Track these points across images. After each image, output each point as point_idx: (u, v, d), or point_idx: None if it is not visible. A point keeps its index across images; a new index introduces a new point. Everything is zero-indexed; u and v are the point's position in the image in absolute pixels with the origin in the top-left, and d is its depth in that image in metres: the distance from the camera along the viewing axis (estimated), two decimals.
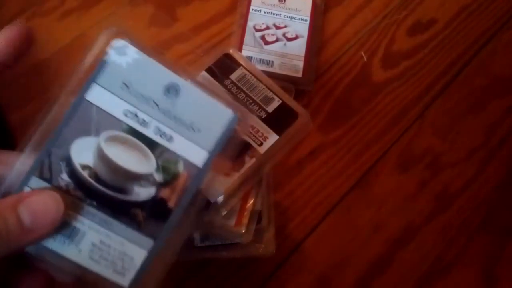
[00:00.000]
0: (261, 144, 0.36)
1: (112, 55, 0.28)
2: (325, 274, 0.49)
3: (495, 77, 0.60)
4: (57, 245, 0.27)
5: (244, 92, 0.38)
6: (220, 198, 0.34)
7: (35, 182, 0.27)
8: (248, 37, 0.56)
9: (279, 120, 0.37)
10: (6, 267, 0.27)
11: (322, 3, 0.61)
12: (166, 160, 0.28)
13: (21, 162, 0.27)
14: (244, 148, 0.36)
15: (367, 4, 0.62)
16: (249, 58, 0.55)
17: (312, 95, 0.56)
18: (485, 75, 0.60)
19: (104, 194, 0.27)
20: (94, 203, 0.27)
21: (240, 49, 0.56)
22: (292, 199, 0.52)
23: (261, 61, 0.55)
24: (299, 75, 0.55)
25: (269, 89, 0.39)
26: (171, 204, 0.28)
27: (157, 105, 0.28)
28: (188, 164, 0.29)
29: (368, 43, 0.60)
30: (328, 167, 0.53)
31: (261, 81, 0.39)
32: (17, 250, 0.25)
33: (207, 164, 0.29)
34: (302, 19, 0.58)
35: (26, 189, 0.27)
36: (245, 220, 0.36)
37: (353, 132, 0.55)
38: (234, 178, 0.35)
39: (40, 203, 0.26)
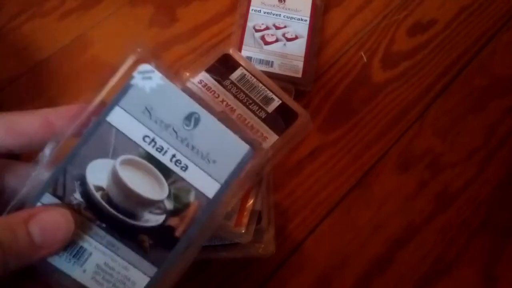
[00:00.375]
0: (260, 145, 0.36)
1: (137, 79, 0.28)
2: (325, 274, 0.49)
3: (495, 78, 0.60)
4: (62, 263, 0.27)
5: (244, 92, 0.38)
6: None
7: (48, 199, 0.27)
8: (247, 37, 0.56)
9: (279, 120, 0.37)
10: (12, 278, 0.26)
11: (322, 4, 0.61)
12: (179, 189, 0.29)
13: (35, 177, 0.27)
14: None
15: (367, 4, 0.62)
16: (249, 59, 0.55)
17: (312, 95, 0.56)
18: (485, 76, 0.60)
19: (114, 217, 0.28)
20: (104, 225, 0.28)
21: (240, 49, 0.56)
22: (292, 200, 0.51)
23: (261, 61, 0.55)
24: (299, 75, 0.55)
25: (269, 89, 0.39)
26: (178, 233, 0.28)
27: (176, 133, 0.28)
28: (200, 194, 0.29)
29: (368, 44, 0.60)
30: (328, 167, 0.53)
31: (261, 81, 0.39)
32: (25, 265, 0.25)
33: (218, 196, 0.29)
34: (302, 20, 0.58)
35: (39, 205, 0.27)
36: (245, 220, 0.36)
37: (353, 133, 0.55)
38: None
39: (51, 220, 0.26)
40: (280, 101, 0.38)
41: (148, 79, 0.28)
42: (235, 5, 0.60)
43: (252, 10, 0.58)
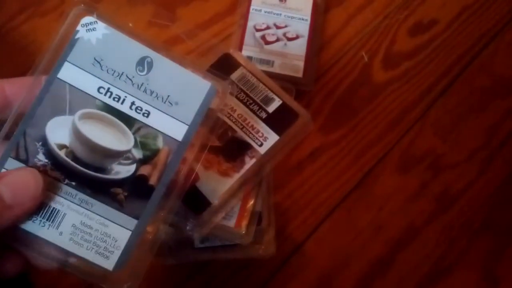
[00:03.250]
0: (261, 145, 0.36)
1: (82, 32, 0.28)
2: (326, 275, 0.49)
3: (496, 78, 0.60)
4: (36, 227, 0.26)
5: (244, 92, 0.38)
6: (215, 201, 0.34)
7: (12, 164, 0.26)
8: (248, 37, 0.56)
9: (279, 120, 0.37)
10: None
11: (322, 3, 0.60)
12: (145, 136, 0.28)
13: None
14: (244, 149, 0.36)
15: (368, 4, 0.62)
16: (250, 58, 0.55)
17: (313, 95, 0.56)
18: (487, 76, 0.60)
19: (82, 173, 0.27)
20: (73, 183, 0.27)
21: (240, 49, 0.55)
22: (293, 200, 0.51)
23: (261, 61, 0.55)
24: (300, 75, 0.55)
25: (269, 89, 0.38)
26: (152, 181, 0.28)
27: (130, 80, 0.28)
28: (168, 138, 0.28)
29: (369, 44, 0.60)
30: (329, 168, 0.53)
31: (261, 81, 0.39)
32: None
33: (187, 137, 0.28)
34: (302, 19, 0.58)
35: (3, 171, 0.26)
36: (245, 221, 0.36)
37: (353, 133, 0.55)
38: (234, 179, 0.35)
39: (19, 179, 0.25)
40: (281, 101, 0.38)
41: (93, 31, 0.28)
42: (236, 4, 0.60)
43: (252, 9, 0.58)
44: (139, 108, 0.28)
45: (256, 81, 0.39)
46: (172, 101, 0.28)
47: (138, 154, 0.28)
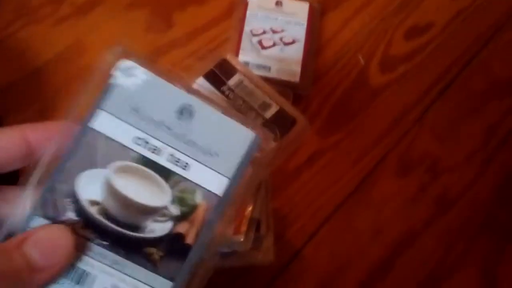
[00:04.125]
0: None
1: (119, 78, 0.25)
2: (326, 281, 0.49)
3: (493, 80, 0.60)
4: None
5: (242, 99, 0.38)
6: None
7: (39, 222, 0.24)
8: (245, 42, 0.56)
9: (277, 126, 0.37)
10: None
11: (319, 7, 0.60)
12: (183, 190, 0.26)
13: (22, 201, 0.24)
14: None
15: (364, 8, 0.62)
16: (246, 63, 0.54)
17: (310, 99, 0.56)
18: (483, 78, 0.60)
19: (115, 232, 0.25)
20: (105, 242, 0.25)
21: (237, 54, 0.55)
22: (291, 205, 0.51)
23: (259, 66, 0.55)
24: (297, 79, 0.55)
25: (266, 94, 0.38)
26: (189, 240, 0.25)
27: (170, 129, 0.26)
28: (207, 193, 0.26)
29: (366, 47, 0.60)
30: (327, 172, 0.53)
31: (258, 87, 0.39)
32: None
33: (228, 192, 0.26)
34: (299, 23, 0.58)
35: (29, 230, 0.24)
36: (243, 228, 0.36)
37: (351, 137, 0.55)
38: None
39: (48, 237, 0.23)
40: (278, 107, 0.38)
41: (130, 76, 0.25)
42: (232, 9, 0.60)
43: (249, 14, 0.58)
44: (178, 160, 0.26)
45: (253, 87, 0.39)
46: (213, 152, 0.26)
47: (175, 210, 0.26)
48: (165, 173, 0.25)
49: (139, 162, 0.25)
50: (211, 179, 0.26)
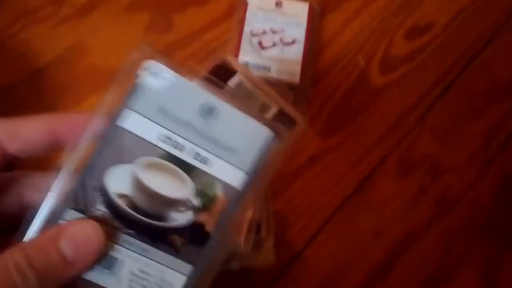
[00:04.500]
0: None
1: (146, 78, 0.27)
2: (326, 282, 0.49)
3: (494, 80, 0.60)
4: (95, 275, 0.26)
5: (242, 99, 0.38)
6: None
7: (70, 214, 0.26)
8: (245, 43, 0.56)
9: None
10: None
11: (318, 8, 0.60)
12: (203, 184, 0.28)
13: (55, 192, 0.26)
14: None
15: (364, 8, 0.62)
16: (246, 64, 0.54)
17: (310, 100, 0.56)
18: (485, 79, 0.60)
19: (142, 222, 0.27)
20: (132, 231, 0.27)
21: (237, 55, 0.55)
22: (291, 207, 0.51)
23: (258, 66, 0.55)
24: (297, 80, 0.55)
25: (266, 95, 0.38)
26: (209, 228, 0.28)
27: (193, 127, 0.27)
28: (226, 186, 0.28)
29: (366, 48, 0.60)
30: (327, 173, 0.53)
31: (258, 88, 0.39)
32: (61, 285, 0.25)
33: (245, 185, 0.28)
34: (299, 24, 0.58)
35: (61, 222, 0.26)
36: (244, 231, 0.36)
37: (352, 138, 0.55)
38: None
39: (81, 233, 0.25)
40: (278, 108, 0.38)
41: (156, 76, 0.27)
42: (232, 10, 0.60)
43: (249, 14, 0.58)
44: (199, 156, 0.28)
45: (253, 88, 0.39)
46: (231, 147, 0.28)
47: (196, 201, 0.28)
48: (187, 168, 0.27)
49: (164, 158, 0.27)
50: (230, 173, 0.28)
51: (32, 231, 0.26)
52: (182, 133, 0.27)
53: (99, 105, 0.27)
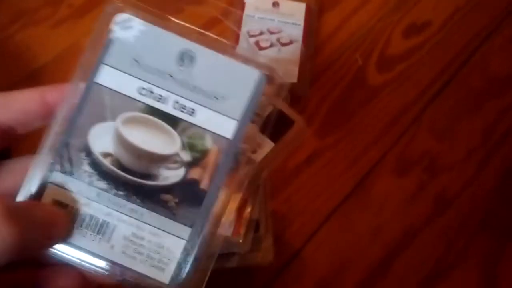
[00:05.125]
0: (255, 152, 0.36)
1: (117, 31, 0.26)
2: (325, 280, 0.49)
3: (491, 78, 0.60)
4: (87, 242, 0.25)
5: None
6: None
7: (57, 177, 0.25)
8: (242, 43, 0.56)
9: (274, 127, 0.37)
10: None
11: (315, 8, 0.60)
12: (192, 136, 0.26)
13: (40, 160, 0.25)
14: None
15: (361, 7, 0.62)
16: None
17: (308, 99, 0.56)
18: (481, 76, 0.60)
19: (129, 181, 0.26)
20: (121, 192, 0.25)
21: None
22: (290, 206, 0.51)
23: None
24: (294, 80, 0.55)
25: (264, 94, 0.38)
26: (203, 185, 0.26)
27: (172, 77, 0.26)
28: (217, 137, 0.26)
29: (363, 46, 0.60)
30: (326, 172, 0.53)
31: None
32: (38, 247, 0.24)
33: (238, 134, 0.26)
34: (296, 24, 0.58)
35: (50, 186, 0.25)
36: (242, 229, 0.36)
37: (350, 136, 0.55)
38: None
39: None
40: (275, 108, 0.38)
41: (129, 28, 0.26)
42: (229, 10, 0.59)
43: (246, 15, 0.58)
44: (184, 107, 0.26)
45: None
46: (218, 95, 0.26)
47: (186, 156, 0.26)
48: (172, 121, 0.26)
49: (146, 112, 0.26)
50: (220, 123, 0.26)
51: (21, 197, 0.25)
52: (163, 85, 0.26)
53: (78, 66, 0.26)
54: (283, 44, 0.56)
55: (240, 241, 0.36)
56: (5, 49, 0.56)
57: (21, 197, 0.25)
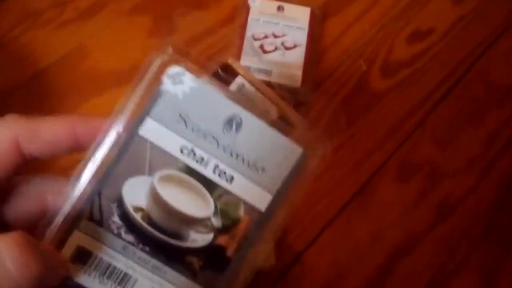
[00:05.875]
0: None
1: (168, 84, 0.25)
2: (326, 285, 0.49)
3: (494, 86, 0.60)
4: None
5: None
6: None
7: (85, 226, 0.25)
8: (246, 47, 0.56)
9: None
10: None
11: (320, 12, 0.61)
12: (226, 203, 0.26)
13: (70, 202, 0.25)
14: None
15: (366, 13, 0.62)
16: (248, 68, 0.55)
17: (311, 104, 0.56)
18: (484, 84, 0.60)
19: (157, 239, 0.25)
20: (147, 248, 0.25)
21: (238, 59, 0.55)
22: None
23: (260, 70, 0.55)
24: (298, 84, 0.55)
25: (268, 98, 0.38)
26: (229, 252, 0.26)
27: (216, 140, 0.25)
28: (250, 208, 0.26)
29: (367, 52, 0.60)
30: (328, 177, 0.53)
31: (260, 91, 0.39)
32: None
33: (271, 208, 0.26)
34: (300, 28, 0.58)
35: (76, 233, 0.25)
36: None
37: (352, 142, 0.55)
38: None
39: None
40: (280, 111, 0.38)
41: (180, 83, 0.25)
42: (234, 14, 0.60)
43: (251, 19, 0.58)
44: (223, 172, 0.25)
45: (254, 91, 0.39)
46: (259, 166, 0.26)
47: (217, 222, 0.26)
48: (209, 185, 0.25)
49: (185, 171, 0.25)
50: (255, 194, 0.26)
51: (48, 237, 0.25)
52: (205, 147, 0.25)
53: (119, 109, 0.25)
54: (287, 48, 0.57)
55: None
56: (10, 50, 0.56)
57: (48, 238, 0.25)
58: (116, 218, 0.25)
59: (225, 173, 0.25)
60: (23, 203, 0.25)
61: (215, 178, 0.25)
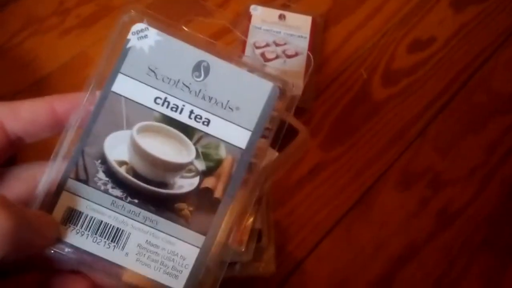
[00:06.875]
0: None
1: (134, 41, 0.26)
2: None
3: (495, 94, 0.60)
4: (100, 249, 0.25)
5: None
6: None
7: (72, 184, 0.25)
8: (248, 55, 0.56)
9: (278, 137, 0.37)
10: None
11: (321, 21, 0.61)
12: (206, 146, 0.26)
13: (55, 167, 0.25)
14: None
15: (367, 22, 0.62)
16: None
17: (313, 112, 0.56)
18: (485, 92, 0.60)
19: (144, 190, 0.26)
20: (136, 200, 0.26)
21: None
22: (293, 218, 0.51)
23: None
24: (299, 92, 0.55)
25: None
26: (217, 194, 0.26)
27: (187, 87, 0.26)
28: (231, 147, 0.26)
29: (368, 61, 0.60)
30: (329, 185, 0.53)
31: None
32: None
33: (251, 144, 0.26)
34: (302, 37, 0.58)
35: (64, 194, 0.25)
36: (244, 239, 0.36)
37: (353, 150, 0.55)
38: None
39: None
40: (280, 118, 0.38)
41: (145, 38, 0.26)
42: (236, 22, 0.60)
43: (252, 27, 0.58)
44: (199, 117, 0.26)
45: None
46: (233, 106, 0.26)
47: (200, 165, 0.26)
48: (187, 130, 0.26)
49: (162, 121, 0.26)
50: (234, 133, 0.26)
51: (34, 205, 0.25)
52: (179, 95, 0.26)
53: (93, 74, 0.26)
54: (289, 56, 0.57)
55: (242, 250, 0.36)
56: (12, 57, 0.56)
57: (36, 205, 0.25)
58: (101, 175, 0.26)
59: (201, 117, 0.26)
60: (14, 185, 0.26)
61: (192, 123, 0.26)
